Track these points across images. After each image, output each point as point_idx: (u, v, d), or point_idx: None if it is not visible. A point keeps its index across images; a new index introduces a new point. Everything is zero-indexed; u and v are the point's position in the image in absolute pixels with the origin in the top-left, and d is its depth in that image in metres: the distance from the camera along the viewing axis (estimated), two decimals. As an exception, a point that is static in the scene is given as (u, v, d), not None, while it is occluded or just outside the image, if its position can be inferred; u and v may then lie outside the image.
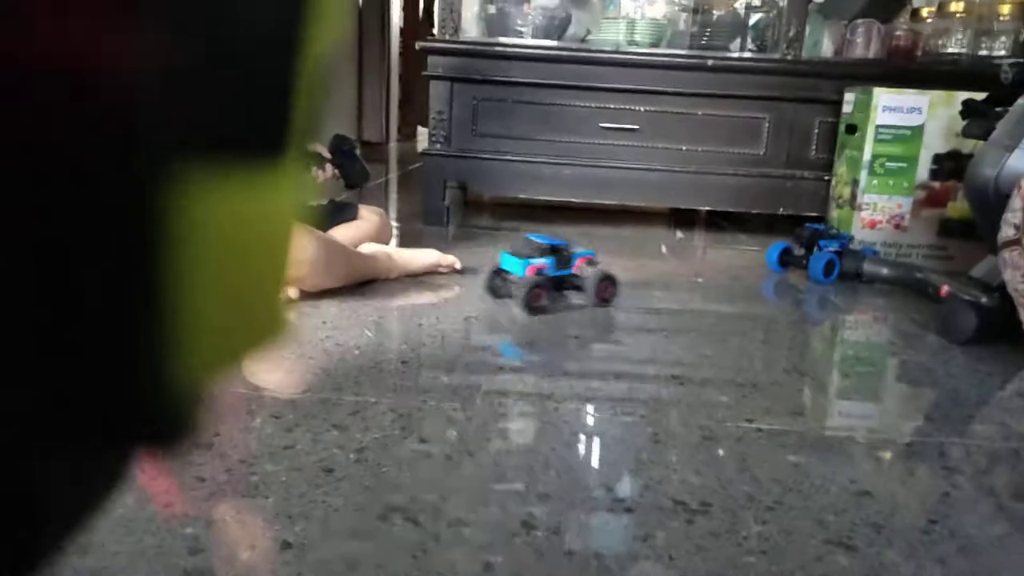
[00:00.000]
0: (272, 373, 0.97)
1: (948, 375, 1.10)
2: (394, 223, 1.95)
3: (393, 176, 3.43)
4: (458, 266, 1.50)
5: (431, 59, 1.94)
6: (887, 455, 0.82)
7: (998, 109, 1.45)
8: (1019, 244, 1.12)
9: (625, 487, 0.73)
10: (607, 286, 1.34)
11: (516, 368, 1.05)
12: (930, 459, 0.82)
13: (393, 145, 4.50)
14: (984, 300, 1.27)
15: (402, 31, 4.54)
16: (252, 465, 0.73)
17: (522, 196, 2.09)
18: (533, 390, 0.95)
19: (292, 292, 1.28)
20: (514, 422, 0.87)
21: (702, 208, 2.17)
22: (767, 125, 1.97)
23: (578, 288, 1.35)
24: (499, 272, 1.33)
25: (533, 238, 1.34)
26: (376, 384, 0.94)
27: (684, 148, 1.99)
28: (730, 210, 2.14)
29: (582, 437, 0.84)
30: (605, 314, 1.30)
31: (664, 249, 2.05)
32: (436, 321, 1.22)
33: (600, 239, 1.98)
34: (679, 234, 2.27)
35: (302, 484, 0.70)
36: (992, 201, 1.30)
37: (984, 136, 1.43)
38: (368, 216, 1.53)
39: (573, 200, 2.14)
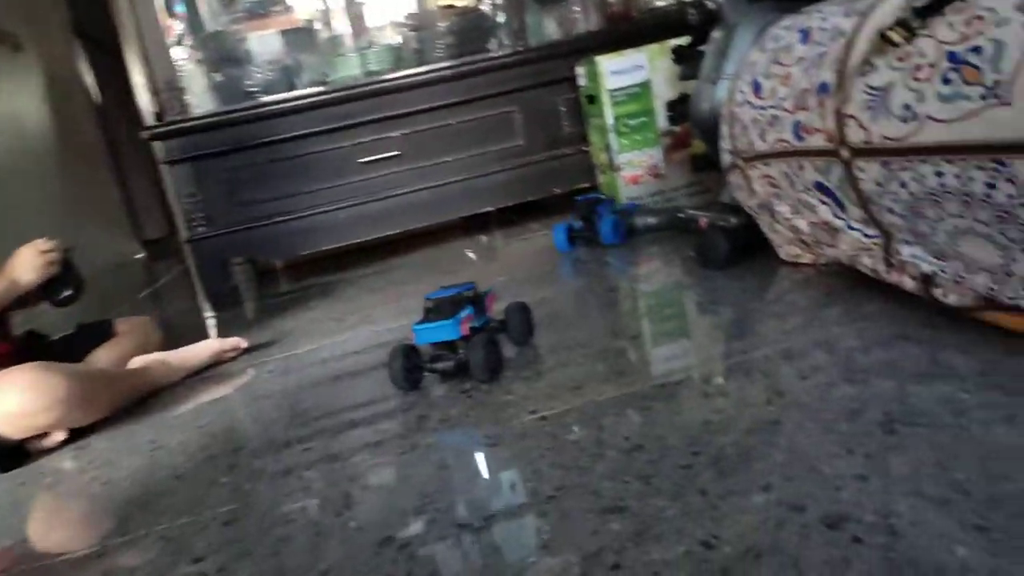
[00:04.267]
0: (29, 541, 0.87)
1: (711, 302, 1.16)
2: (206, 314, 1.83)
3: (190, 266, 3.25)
4: (243, 345, 1.42)
5: (163, 145, 1.84)
6: (656, 401, 0.84)
7: (700, 49, 1.56)
8: (736, 166, 1.20)
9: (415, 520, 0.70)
10: (527, 316, 1.15)
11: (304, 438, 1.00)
12: (693, 389, 0.85)
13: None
14: (733, 222, 1.36)
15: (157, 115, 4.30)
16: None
17: (306, 252, 2.03)
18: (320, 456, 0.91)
19: (58, 436, 1.16)
20: (297, 506, 0.82)
21: (486, 210, 2.19)
22: (518, 116, 2.02)
23: (502, 331, 1.14)
24: (411, 350, 1.06)
25: (436, 295, 1.09)
26: (145, 514, 0.86)
27: (450, 159, 2.01)
28: (511, 204, 2.18)
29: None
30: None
31: (472, 256, 2.05)
32: (218, 417, 1.15)
33: (411, 267, 1.95)
34: (481, 238, 2.29)
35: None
36: (714, 132, 1.39)
37: (696, 75, 1.54)
38: (127, 329, 1.42)
39: (363, 240, 2.10)
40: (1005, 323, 0.77)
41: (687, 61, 1.63)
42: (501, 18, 2.26)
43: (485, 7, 2.36)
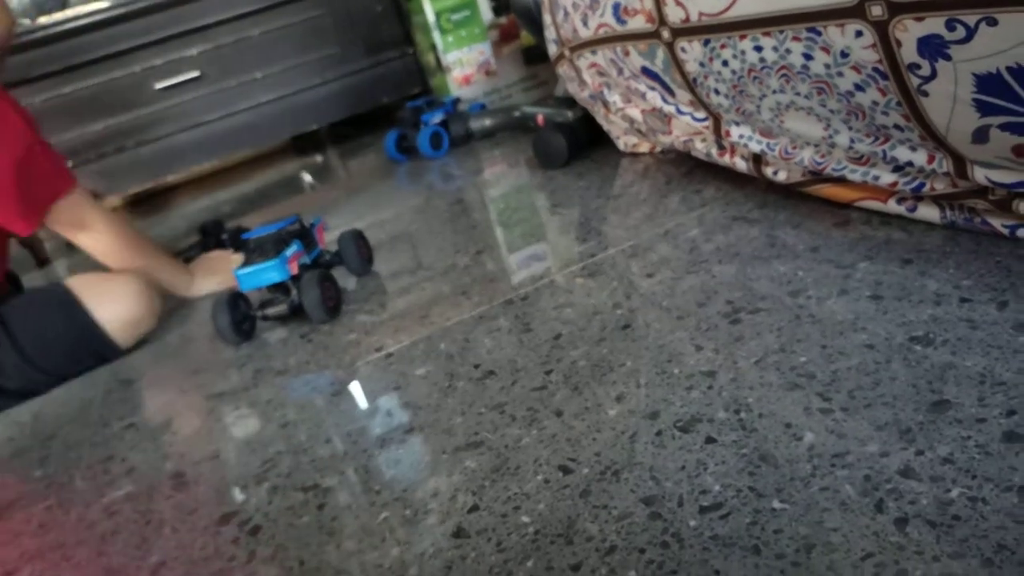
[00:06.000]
0: None
1: (554, 204, 1.12)
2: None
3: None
4: None
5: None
6: (505, 321, 0.80)
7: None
8: (564, 56, 1.14)
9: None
10: (363, 244, 1.06)
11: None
12: (544, 302, 0.81)
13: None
14: (570, 116, 1.31)
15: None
16: None
17: (121, 195, 1.81)
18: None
19: None
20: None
21: (312, 129, 2.04)
22: (328, 20, 1.85)
23: (338, 263, 1.05)
24: (237, 299, 0.96)
25: (256, 233, 0.97)
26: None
27: (259, 76, 1.82)
28: (338, 120, 2.03)
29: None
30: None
31: (308, 179, 1.90)
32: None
33: (242, 200, 1.79)
34: (317, 158, 2.14)
35: None
36: (539, 21, 1.31)
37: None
38: None
39: (177, 176, 1.90)
40: (833, 195, 0.78)
41: (503, -55, 1.53)
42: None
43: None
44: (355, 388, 0.76)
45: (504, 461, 0.57)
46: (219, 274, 1.21)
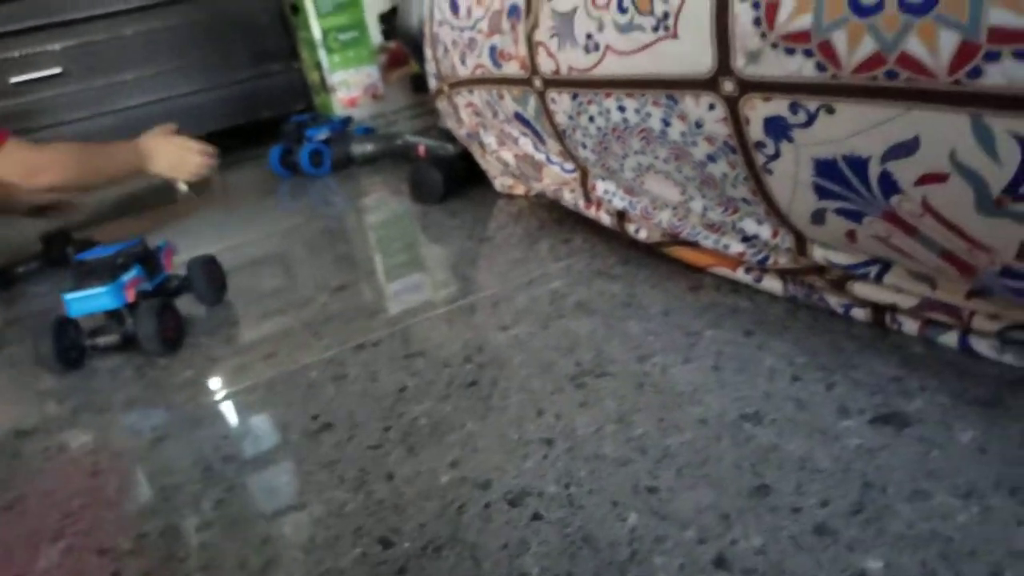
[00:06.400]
0: None
1: (425, 242, 1.10)
2: None
3: None
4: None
5: None
6: (342, 367, 0.76)
7: (407, -44, 1.43)
8: (443, 92, 1.12)
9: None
10: (215, 270, 0.99)
11: None
12: (393, 349, 0.78)
13: None
14: (451, 151, 1.29)
15: None
16: None
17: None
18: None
19: None
20: None
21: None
22: (208, 26, 1.76)
23: (186, 290, 0.98)
24: (65, 325, 0.87)
25: (92, 255, 0.90)
26: None
27: (129, 78, 1.71)
28: (216, 130, 1.94)
29: None
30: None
31: (183, 188, 1.79)
32: None
33: (110, 209, 1.65)
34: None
35: None
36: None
37: (406, -14, 1.42)
38: None
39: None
40: (688, 259, 0.79)
41: (395, -30, 1.51)
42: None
43: None
44: (179, 434, 0.70)
45: (323, 529, 0.53)
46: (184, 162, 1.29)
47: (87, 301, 0.85)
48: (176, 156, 1.28)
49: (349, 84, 1.65)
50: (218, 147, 1.44)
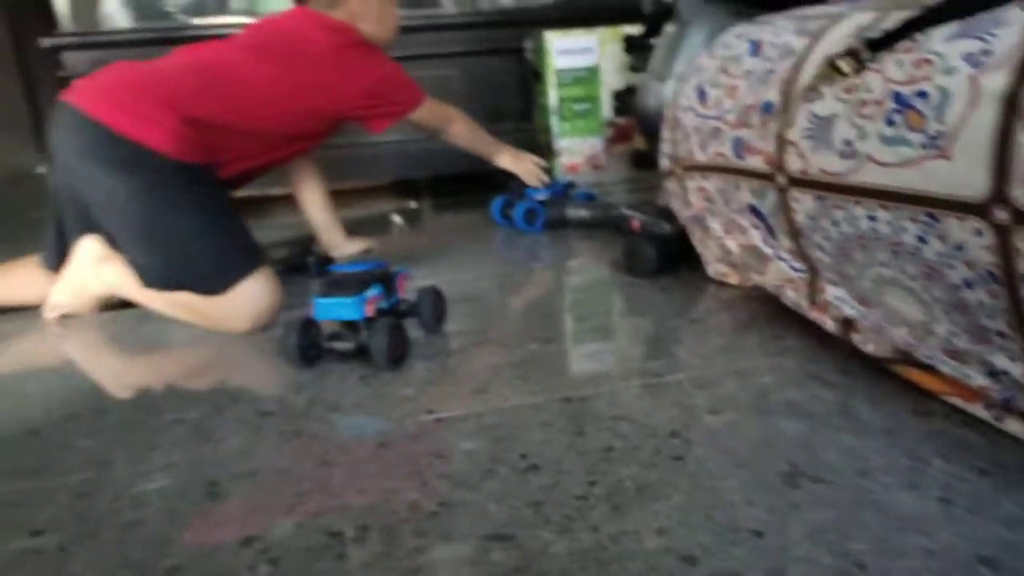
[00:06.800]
0: None
1: (633, 313, 1.13)
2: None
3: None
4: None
5: (68, 57, 1.67)
6: (559, 418, 0.80)
7: (653, 41, 1.51)
8: (674, 173, 1.16)
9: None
10: (439, 302, 1.08)
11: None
12: (600, 410, 0.81)
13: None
14: (667, 229, 1.33)
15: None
16: None
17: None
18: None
19: None
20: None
21: (420, 176, 2.11)
22: (460, 82, 1.93)
23: (412, 314, 1.07)
24: (310, 325, 0.98)
25: (346, 269, 1.03)
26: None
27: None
28: (444, 173, 2.10)
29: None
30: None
31: (398, 220, 1.96)
32: (86, 369, 1.05)
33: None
34: (411, 204, 2.21)
35: None
36: (657, 132, 1.35)
37: (645, 68, 1.49)
38: None
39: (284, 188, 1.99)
40: (918, 380, 0.76)
41: (637, 52, 1.59)
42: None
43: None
44: (398, 444, 0.77)
45: (530, 562, 0.57)
46: (524, 166, 1.65)
47: (334, 308, 0.96)
48: (522, 158, 1.66)
49: (574, 151, 1.75)
50: (447, 190, 1.58)
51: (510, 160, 1.64)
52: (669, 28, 1.38)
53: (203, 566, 0.60)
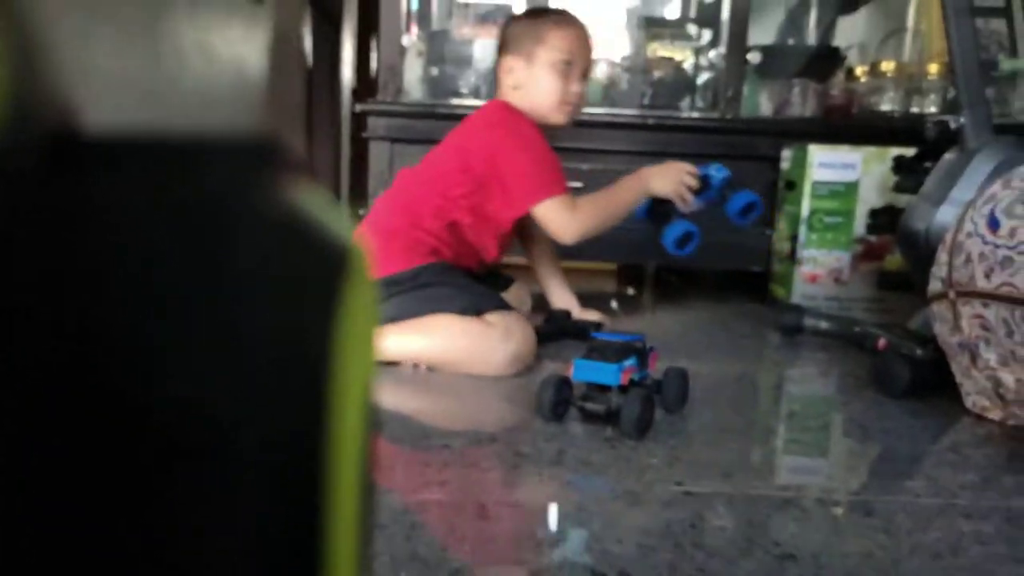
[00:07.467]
0: None
1: (883, 430, 1.09)
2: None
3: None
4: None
5: (372, 121, 1.95)
6: (813, 515, 0.80)
7: (927, 164, 1.49)
8: (946, 297, 1.13)
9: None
10: (684, 384, 1.11)
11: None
12: (857, 517, 0.80)
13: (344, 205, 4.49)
14: (919, 353, 1.28)
15: (355, 92, 4.55)
16: None
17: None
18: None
19: None
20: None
21: (649, 263, 2.18)
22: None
23: (657, 391, 1.09)
24: (564, 383, 1.05)
25: (604, 336, 1.08)
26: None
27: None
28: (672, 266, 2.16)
29: None
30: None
31: (614, 306, 2.04)
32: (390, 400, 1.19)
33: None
34: (629, 290, 2.29)
35: None
36: (923, 254, 1.32)
37: (915, 190, 1.47)
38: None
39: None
40: None
41: (908, 173, 1.56)
42: (704, 78, 2.27)
43: (703, 67, 2.37)
44: (651, 506, 0.81)
45: (795, 646, 0.58)
46: (671, 182, 1.45)
47: (593, 371, 1.03)
48: (671, 174, 1.46)
49: (817, 262, 1.73)
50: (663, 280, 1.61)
51: (661, 183, 1.45)
52: (949, 155, 1.36)
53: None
